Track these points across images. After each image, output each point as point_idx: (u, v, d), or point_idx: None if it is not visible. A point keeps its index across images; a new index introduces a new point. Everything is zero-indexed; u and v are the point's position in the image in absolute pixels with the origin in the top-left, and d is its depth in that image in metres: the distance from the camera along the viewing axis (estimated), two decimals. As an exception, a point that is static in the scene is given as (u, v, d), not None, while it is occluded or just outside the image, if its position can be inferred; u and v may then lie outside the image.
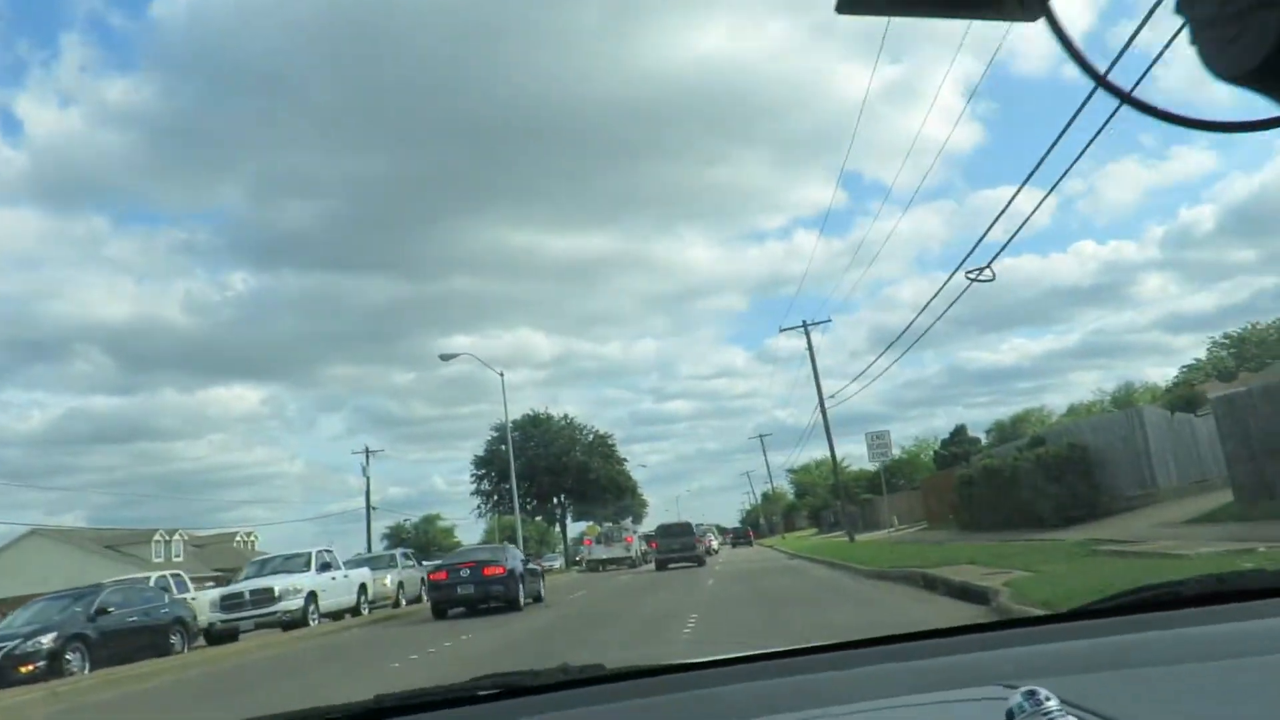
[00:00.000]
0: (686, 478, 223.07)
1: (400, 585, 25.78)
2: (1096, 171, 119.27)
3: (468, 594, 19.08)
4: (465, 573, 19.26)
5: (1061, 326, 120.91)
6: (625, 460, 66.58)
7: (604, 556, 41.44)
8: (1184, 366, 35.27)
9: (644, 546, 50.99)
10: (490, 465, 60.23)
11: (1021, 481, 24.13)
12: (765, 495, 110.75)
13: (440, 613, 19.58)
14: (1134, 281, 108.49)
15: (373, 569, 25.27)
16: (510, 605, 19.11)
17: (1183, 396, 39.03)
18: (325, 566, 22.01)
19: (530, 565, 22.14)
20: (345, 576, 22.61)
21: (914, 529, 43.84)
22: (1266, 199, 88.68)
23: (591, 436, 64.06)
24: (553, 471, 59.89)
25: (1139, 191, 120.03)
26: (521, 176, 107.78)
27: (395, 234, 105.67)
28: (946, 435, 71.61)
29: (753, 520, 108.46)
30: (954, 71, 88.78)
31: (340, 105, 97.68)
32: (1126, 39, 8.54)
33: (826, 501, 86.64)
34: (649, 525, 71.03)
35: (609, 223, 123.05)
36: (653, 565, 38.29)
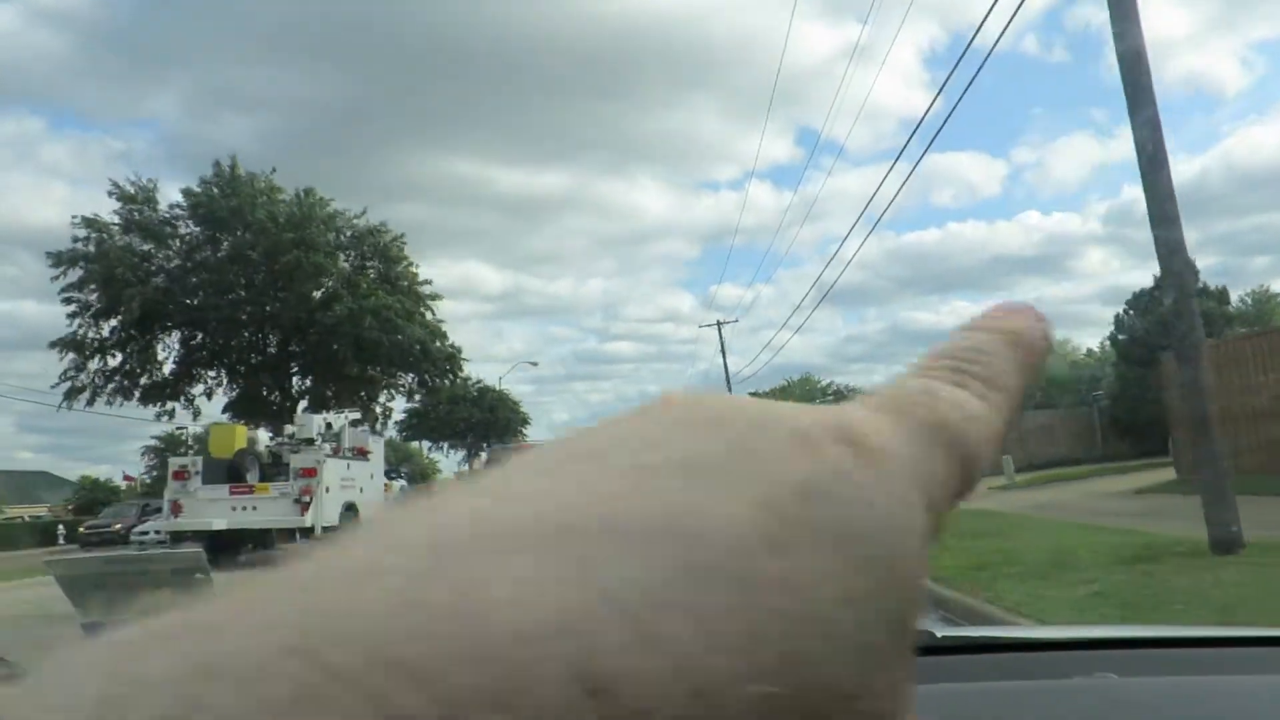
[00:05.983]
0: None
1: None
2: (1046, 145, 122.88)
3: None
4: None
5: (1003, 293, 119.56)
6: (439, 298, 31.80)
7: (222, 526, 14.84)
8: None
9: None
10: (85, 282, 27.02)
11: None
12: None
13: None
14: (1075, 254, 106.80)
15: None
16: None
17: None
18: None
19: None
20: None
21: (1134, 491, 17.47)
22: (1207, 182, 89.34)
23: (361, 228, 30.07)
24: (271, 314, 27.43)
25: (1087, 166, 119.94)
26: (473, 108, 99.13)
27: (340, 157, 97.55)
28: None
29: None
30: (917, 38, 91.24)
31: (286, 24, 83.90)
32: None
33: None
34: None
35: (562, 160, 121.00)
36: None
